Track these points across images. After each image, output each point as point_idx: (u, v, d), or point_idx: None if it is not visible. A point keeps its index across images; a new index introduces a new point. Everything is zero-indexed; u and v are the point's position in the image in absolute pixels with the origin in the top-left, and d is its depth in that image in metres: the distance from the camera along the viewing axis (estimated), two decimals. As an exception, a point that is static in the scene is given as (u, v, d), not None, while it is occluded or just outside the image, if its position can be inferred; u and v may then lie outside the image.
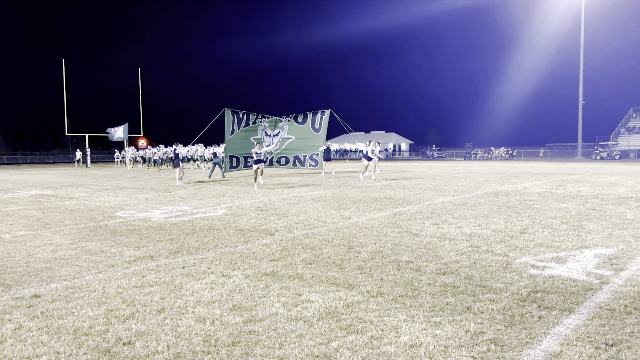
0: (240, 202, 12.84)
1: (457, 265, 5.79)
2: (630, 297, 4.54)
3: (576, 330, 3.81)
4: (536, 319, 4.05)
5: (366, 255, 6.40)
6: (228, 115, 22.42)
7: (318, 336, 3.74)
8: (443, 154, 74.37)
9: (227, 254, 6.59)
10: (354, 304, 4.47)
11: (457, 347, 3.53)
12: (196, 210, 11.27)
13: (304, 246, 6.99)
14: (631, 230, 7.77)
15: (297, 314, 4.22)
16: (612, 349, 3.46)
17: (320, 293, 4.80)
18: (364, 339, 3.69)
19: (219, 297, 4.70)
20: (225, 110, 22.35)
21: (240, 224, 9.03)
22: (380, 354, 3.43)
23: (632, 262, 5.82)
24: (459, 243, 7.04)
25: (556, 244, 6.87)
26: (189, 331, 3.87)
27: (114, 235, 8.18)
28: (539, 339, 3.65)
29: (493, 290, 4.82)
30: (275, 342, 3.63)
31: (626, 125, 62.51)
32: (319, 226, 8.68)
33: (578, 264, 5.75)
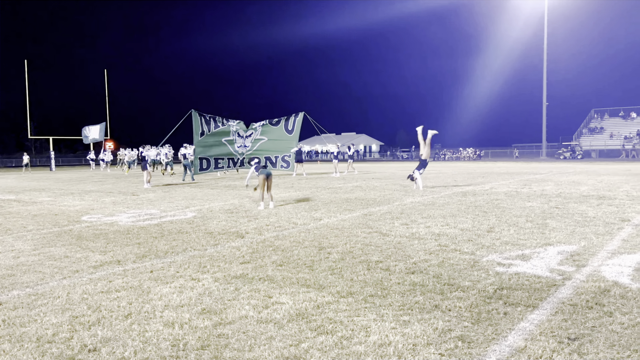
0: (210, 204, 12.71)
1: (425, 265, 5.87)
2: (592, 293, 4.68)
3: (540, 325, 3.92)
4: (502, 315, 4.14)
5: (337, 256, 6.42)
6: (195, 116, 22.13)
7: (288, 338, 3.74)
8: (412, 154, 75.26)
9: (196, 257, 6.52)
10: (324, 305, 4.48)
11: (425, 345, 3.58)
12: (165, 213, 11.10)
13: (274, 248, 6.96)
14: (592, 228, 8.02)
15: (267, 316, 4.21)
16: (575, 343, 3.56)
17: (290, 295, 4.79)
18: (334, 339, 3.70)
19: (188, 301, 4.64)
20: (192, 112, 22.07)
21: (210, 227, 8.93)
22: (350, 353, 3.45)
23: (593, 258, 6.01)
24: (427, 242, 7.14)
25: (521, 242, 7.04)
26: (157, 336, 3.81)
27: (79, 240, 7.98)
28: (505, 335, 3.74)
29: (461, 288, 4.91)
30: (245, 345, 3.61)
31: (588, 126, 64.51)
32: (289, 228, 8.67)
33: (542, 261, 5.91)
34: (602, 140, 59.32)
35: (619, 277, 5.14)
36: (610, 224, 8.39)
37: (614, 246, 6.63)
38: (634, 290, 4.71)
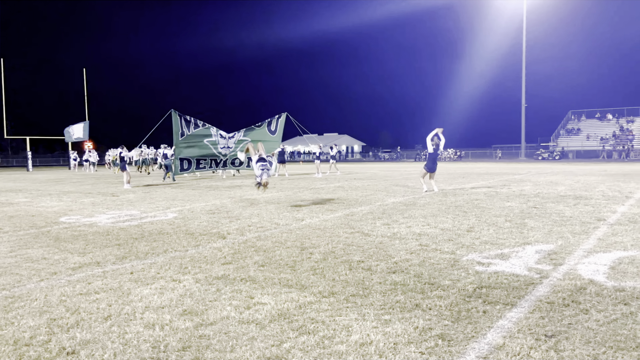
0: (191, 205, 12.62)
1: (407, 264, 5.92)
2: (568, 290, 4.78)
3: (518, 323, 3.99)
4: (481, 314, 4.20)
5: (319, 256, 6.44)
6: (175, 117, 21.87)
7: (270, 338, 3.74)
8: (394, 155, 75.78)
9: (177, 258, 6.47)
10: (306, 305, 4.49)
11: (406, 343, 3.62)
12: (145, 214, 10.99)
13: (256, 249, 6.95)
14: (569, 227, 8.18)
15: (249, 317, 4.20)
16: (552, 340, 3.64)
17: (272, 295, 4.79)
18: (315, 339, 3.71)
19: (169, 302, 4.61)
20: (172, 111, 21.83)
21: (191, 228, 8.87)
22: (331, 353, 3.47)
23: (570, 257, 6.13)
24: (408, 242, 7.20)
25: (500, 241, 7.15)
26: (137, 338, 3.77)
27: (57, 241, 7.86)
28: (484, 333, 3.79)
29: (441, 287, 4.96)
30: (227, 346, 3.60)
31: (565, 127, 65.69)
32: (271, 228, 8.65)
33: (520, 260, 6.01)
34: (579, 141, 60.47)
35: (594, 276, 5.26)
36: (586, 223, 8.57)
37: (590, 245, 6.78)
38: (609, 288, 4.82)
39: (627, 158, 50.87)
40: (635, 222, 8.52)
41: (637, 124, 60.62)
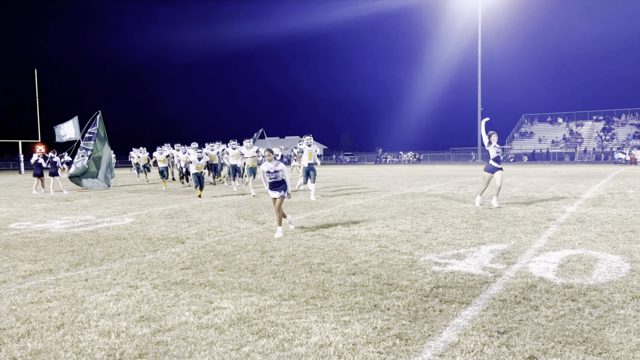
0: (149, 209, 12.36)
1: (366, 265, 6.00)
2: (520, 288, 4.96)
3: (472, 320, 4.11)
4: (437, 313, 4.31)
5: (279, 259, 6.44)
6: (101, 120, 20.79)
7: (229, 342, 3.72)
8: (355, 158, 76.48)
9: (134, 264, 6.33)
10: (266, 308, 4.49)
11: (364, 344, 3.67)
12: (101, 219, 10.69)
13: (216, 253, 6.88)
14: (522, 227, 8.48)
15: (208, 322, 4.16)
16: (504, 336, 3.77)
17: (232, 299, 4.76)
18: (275, 342, 3.72)
19: (125, 309, 4.51)
20: (99, 113, 20.70)
21: (148, 233, 8.70)
22: (291, 355, 3.48)
23: (522, 256, 6.36)
24: (368, 244, 7.29)
25: (457, 242, 7.34)
26: (92, 346, 3.68)
27: (6, 249, 7.55)
28: (440, 331, 3.89)
29: (399, 288, 5.06)
30: (185, 351, 3.56)
31: (519, 131, 67.95)
32: (232, 232, 8.59)
33: (475, 260, 6.19)
34: (532, 144, 62.64)
35: (544, 273, 5.48)
36: (537, 223, 8.90)
37: (541, 244, 7.05)
38: (558, 285, 5.04)
39: (572, 160, 53.15)
40: (583, 222, 8.92)
41: (585, 128, 63.37)
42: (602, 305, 4.38)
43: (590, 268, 5.63)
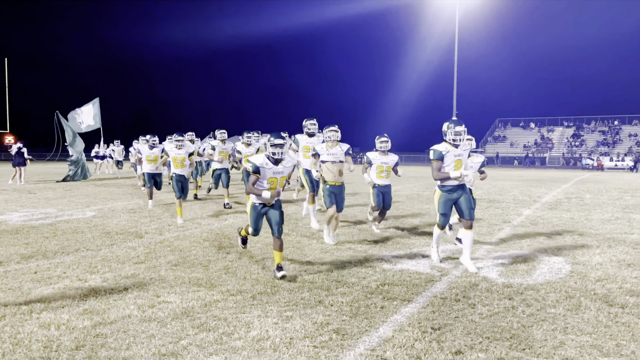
0: (112, 204, 12.24)
1: (319, 262, 6.10)
2: (462, 287, 5.13)
3: (410, 317, 4.25)
4: (379, 309, 4.44)
5: (234, 255, 6.50)
6: (63, 119, 20.14)
7: (169, 335, 3.78)
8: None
9: (87, 257, 6.31)
10: (211, 303, 4.55)
11: (302, 338, 3.77)
12: (62, 212, 10.55)
13: (172, 248, 6.90)
14: (477, 228, 8.69)
15: (152, 315, 4.21)
16: (437, 332, 3.92)
17: (179, 294, 4.81)
18: (214, 335, 3.79)
19: (70, 302, 4.51)
20: (58, 113, 19.96)
21: (108, 227, 8.64)
22: (227, 348, 3.56)
23: (472, 256, 6.54)
24: (325, 242, 7.39)
25: (411, 242, 7.50)
26: (30, 337, 3.69)
27: (-42, 240, 7.41)
28: (377, 327, 4.02)
29: (347, 285, 5.17)
30: (123, 344, 3.60)
31: (493, 134, 69.14)
32: (192, 228, 8.60)
33: (426, 259, 6.35)
34: (504, 148, 63.81)
35: (488, 273, 5.67)
36: (493, 225, 9.15)
37: (492, 245, 7.27)
38: (499, 284, 5.23)
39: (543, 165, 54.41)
40: (536, 224, 9.20)
41: (556, 133, 64.84)
42: (535, 304, 4.58)
43: (532, 269, 5.84)
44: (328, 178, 7.19)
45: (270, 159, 5.60)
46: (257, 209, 5.68)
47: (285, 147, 5.61)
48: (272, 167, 5.58)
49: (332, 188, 7.19)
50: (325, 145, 7.34)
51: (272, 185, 5.63)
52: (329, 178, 7.19)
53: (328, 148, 7.28)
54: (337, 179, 7.19)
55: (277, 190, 5.57)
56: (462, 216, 5.92)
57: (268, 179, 5.60)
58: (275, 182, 5.66)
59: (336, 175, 7.18)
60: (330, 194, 7.17)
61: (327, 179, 7.20)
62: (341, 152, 7.28)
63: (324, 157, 7.25)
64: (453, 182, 5.81)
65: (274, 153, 5.55)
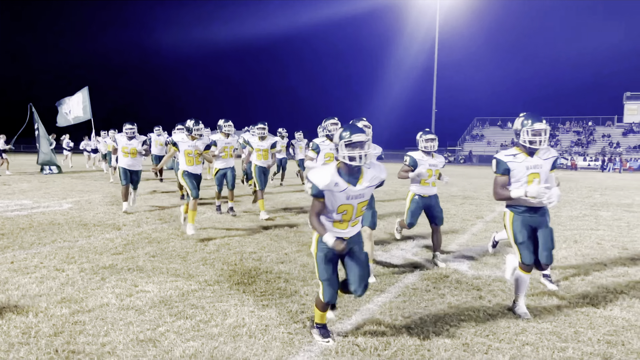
0: (89, 196, 12.17)
1: (296, 255, 6.23)
2: (434, 278, 5.32)
3: (382, 306, 4.41)
4: (352, 299, 4.58)
5: (213, 247, 6.58)
6: (36, 114, 19.61)
7: (146, 323, 3.86)
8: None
9: (64, 248, 6.32)
10: (189, 293, 4.64)
11: (276, 325, 3.90)
12: (38, 204, 10.46)
13: (150, 240, 6.95)
14: (451, 224, 8.93)
15: (130, 304, 4.29)
16: (407, 320, 4.09)
17: (157, 284, 4.89)
18: (191, 323, 3.89)
19: (48, 291, 4.56)
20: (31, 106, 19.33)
21: (85, 219, 8.63)
22: (204, 335, 3.67)
23: (444, 250, 6.75)
24: (304, 235, 7.52)
25: (387, 236, 7.68)
26: (8, 324, 3.74)
27: None
28: (350, 315, 4.17)
29: (322, 276, 5.31)
30: (101, 331, 3.68)
31: (471, 133, 70.10)
32: (170, 221, 8.64)
33: (401, 252, 6.54)
34: (482, 147, 64.78)
35: (459, 266, 5.87)
36: (466, 220, 9.40)
37: (464, 239, 7.49)
38: (469, 276, 5.43)
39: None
40: (508, 220, 9.48)
41: (532, 133, 66.07)
42: (502, 295, 4.78)
43: (501, 262, 6.06)
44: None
45: (343, 173, 3.47)
46: (324, 251, 3.59)
47: (366, 146, 3.42)
48: (347, 188, 3.44)
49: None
50: None
51: (345, 216, 3.55)
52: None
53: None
54: None
55: (352, 230, 3.65)
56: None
57: (338, 208, 3.48)
58: (350, 212, 3.54)
59: None
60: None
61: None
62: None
63: None
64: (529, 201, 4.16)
65: (352, 158, 3.37)
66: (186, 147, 7.63)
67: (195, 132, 7.73)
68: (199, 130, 7.76)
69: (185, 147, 7.64)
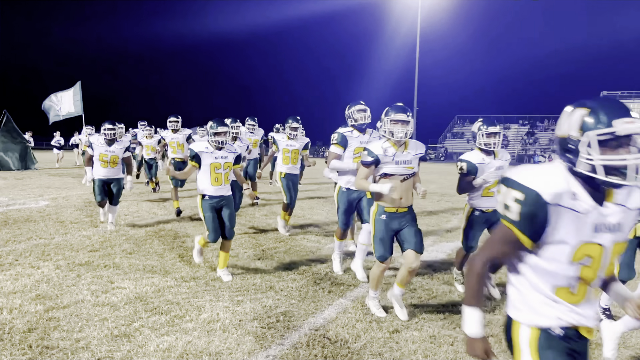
0: (67, 193, 12.07)
1: (273, 251, 6.31)
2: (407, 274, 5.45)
3: (355, 300, 4.53)
4: (326, 294, 4.70)
5: (190, 244, 6.62)
6: (10, 119, 19.27)
7: (121, 319, 3.91)
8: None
9: (40, 245, 6.31)
10: (165, 289, 4.70)
11: (250, 320, 3.99)
12: (13, 201, 10.35)
13: (127, 237, 6.96)
14: (427, 220, 9.09)
15: (105, 300, 4.33)
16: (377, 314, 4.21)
17: (133, 280, 4.93)
18: (166, 318, 3.95)
19: (22, 288, 4.57)
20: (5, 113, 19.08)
21: (62, 216, 8.58)
22: (179, 330, 3.74)
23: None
24: (280, 232, 7.60)
25: (363, 232, 7.80)
26: (-19, 321, 3.76)
27: None
28: (323, 309, 4.28)
29: (298, 272, 5.41)
30: (76, 326, 3.72)
31: (452, 131, 70.83)
32: (148, 218, 8.64)
33: (376, 248, 6.66)
34: (462, 144, 65.52)
35: (432, 262, 6.02)
36: (441, 216, 9.59)
37: (439, 235, 7.66)
38: (441, 271, 5.58)
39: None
40: (483, 217, 9.70)
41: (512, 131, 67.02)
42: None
43: (473, 257, 6.24)
44: (386, 201, 4.07)
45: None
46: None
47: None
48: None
49: (390, 218, 4.07)
50: (390, 146, 4.05)
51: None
52: (386, 201, 4.06)
53: (395, 150, 4.06)
54: (401, 202, 4.07)
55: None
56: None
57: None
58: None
59: (403, 198, 4.06)
60: (385, 228, 4.06)
61: (385, 202, 4.07)
62: (414, 158, 4.15)
63: (389, 167, 4.04)
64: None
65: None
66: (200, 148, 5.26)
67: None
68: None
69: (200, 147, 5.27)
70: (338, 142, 5.29)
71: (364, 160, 4.06)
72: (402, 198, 4.04)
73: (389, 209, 4.04)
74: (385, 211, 4.03)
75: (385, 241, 4.06)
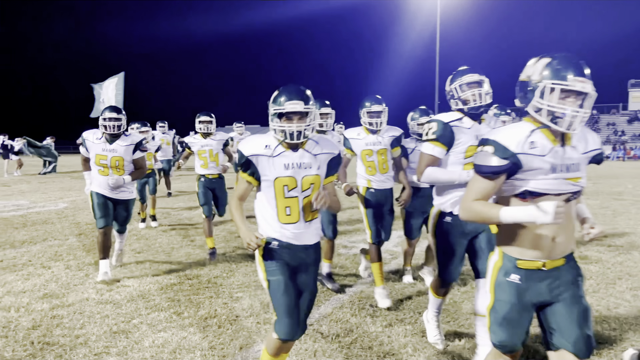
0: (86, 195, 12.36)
1: (278, 249, 6.38)
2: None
3: (352, 295, 4.57)
4: (324, 289, 4.75)
5: (200, 242, 6.75)
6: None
7: (122, 316, 4.04)
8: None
9: (54, 246, 6.51)
10: (168, 287, 4.81)
11: (247, 316, 4.07)
12: (34, 204, 10.68)
13: (139, 237, 7.13)
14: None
15: (109, 298, 4.46)
16: (372, 308, 4.24)
17: (138, 278, 5.06)
18: (165, 315, 4.06)
19: (32, 287, 4.74)
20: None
21: (79, 218, 8.82)
22: (175, 326, 3.84)
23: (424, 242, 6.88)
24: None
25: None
26: (-11, 320, 3.93)
27: None
28: (319, 305, 4.33)
29: (300, 268, 5.47)
30: (77, 324, 3.86)
31: (473, 124, 70.02)
32: (161, 218, 8.81)
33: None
34: (484, 137, 64.70)
35: (436, 256, 6.00)
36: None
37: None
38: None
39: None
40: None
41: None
42: (472, 282, 4.92)
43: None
44: (524, 244, 2.20)
45: None
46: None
47: None
48: None
49: (529, 280, 2.21)
50: (543, 136, 2.15)
51: None
52: (525, 244, 2.21)
53: (553, 146, 2.13)
54: (555, 247, 2.24)
55: None
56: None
57: None
58: None
59: (559, 237, 2.21)
60: (518, 300, 2.18)
61: (522, 246, 2.21)
62: (583, 159, 2.42)
63: (541, 178, 2.18)
64: None
65: None
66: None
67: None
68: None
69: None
70: (438, 136, 3.22)
71: (485, 165, 2.13)
72: (555, 238, 2.15)
73: (526, 264, 2.17)
74: (518, 267, 2.17)
75: (515, 323, 2.19)
